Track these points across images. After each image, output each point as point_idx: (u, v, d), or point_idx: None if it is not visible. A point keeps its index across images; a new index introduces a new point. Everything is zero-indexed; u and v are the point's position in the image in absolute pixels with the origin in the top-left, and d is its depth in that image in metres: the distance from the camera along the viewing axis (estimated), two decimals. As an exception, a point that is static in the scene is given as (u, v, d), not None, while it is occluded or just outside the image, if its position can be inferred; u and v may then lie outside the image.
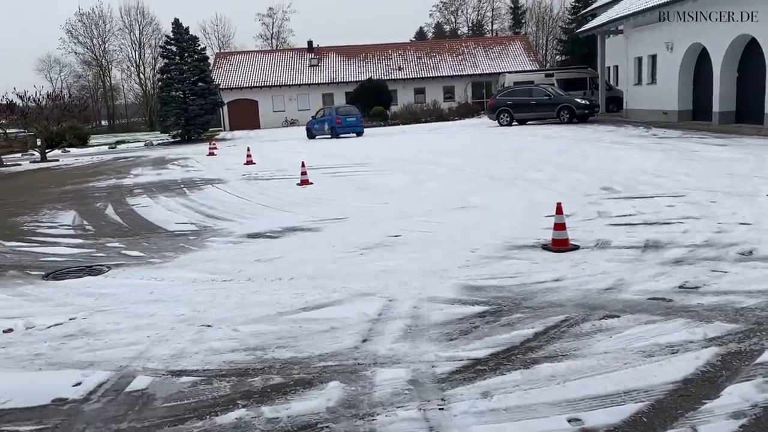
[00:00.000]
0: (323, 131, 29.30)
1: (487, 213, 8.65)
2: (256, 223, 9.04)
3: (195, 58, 36.39)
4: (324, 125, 29.25)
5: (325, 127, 29.11)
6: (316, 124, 30.15)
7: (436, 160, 15.27)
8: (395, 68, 50.49)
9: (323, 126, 29.30)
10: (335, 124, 28.54)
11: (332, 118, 28.80)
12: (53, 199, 12.70)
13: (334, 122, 28.57)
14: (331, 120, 28.80)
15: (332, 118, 28.75)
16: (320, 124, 29.65)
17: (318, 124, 29.88)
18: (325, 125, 29.16)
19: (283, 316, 4.95)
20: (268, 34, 75.83)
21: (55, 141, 39.68)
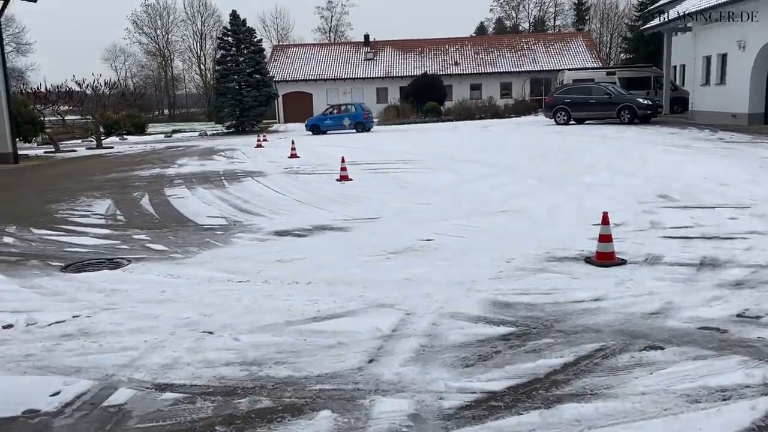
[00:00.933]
0: (342, 127, 30.49)
1: (531, 218, 8.08)
2: (287, 220, 8.72)
3: (251, 49, 36.61)
4: (343, 120, 30.54)
5: (345, 123, 30.43)
6: (327, 120, 31.03)
7: (485, 159, 14.67)
8: (451, 63, 49.71)
9: (340, 122, 30.58)
10: (363, 119, 30.38)
11: (359, 113, 30.61)
12: (94, 187, 12.73)
13: (361, 117, 30.39)
14: (357, 115, 30.44)
15: (359, 114, 30.56)
16: (336, 120, 30.77)
17: (331, 120, 30.86)
18: (345, 120, 30.45)
19: (290, 326, 4.56)
20: (326, 28, 75.97)
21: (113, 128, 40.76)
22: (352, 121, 30.42)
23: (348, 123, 30.40)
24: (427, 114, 39.46)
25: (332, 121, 30.77)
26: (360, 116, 30.53)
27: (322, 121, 30.85)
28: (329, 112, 31.62)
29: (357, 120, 30.40)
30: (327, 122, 30.78)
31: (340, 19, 76.18)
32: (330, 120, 30.86)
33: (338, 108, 31.90)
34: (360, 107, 31.56)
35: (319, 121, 31.00)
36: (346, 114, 30.85)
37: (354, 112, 30.82)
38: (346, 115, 30.74)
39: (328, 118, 31.01)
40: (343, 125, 30.41)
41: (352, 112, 30.87)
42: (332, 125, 30.61)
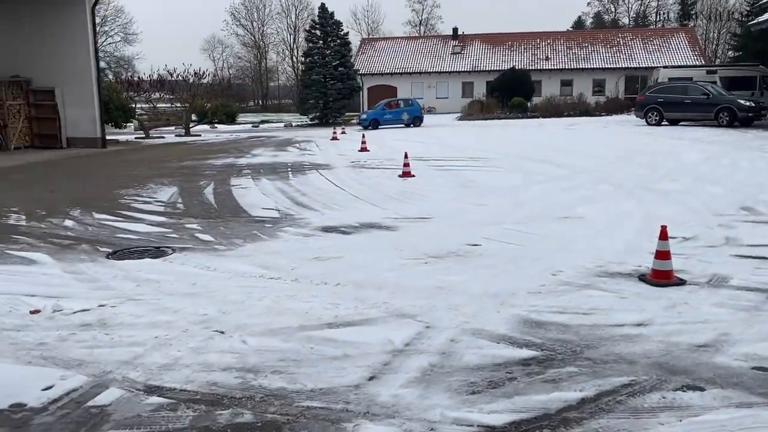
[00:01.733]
0: (400, 121, 30.77)
1: (592, 227, 7.52)
2: (338, 216, 8.55)
3: (337, 42, 36.86)
4: (402, 115, 30.86)
5: (404, 117, 30.82)
6: (387, 114, 30.89)
7: (560, 160, 13.97)
8: (542, 58, 48.23)
9: (399, 116, 30.82)
10: (420, 114, 31.51)
11: (417, 108, 31.62)
12: (166, 174, 13.07)
13: (418, 112, 31.43)
14: (415, 110, 31.28)
15: (417, 108, 31.60)
16: (396, 114, 30.97)
17: (391, 114, 30.93)
18: (404, 115, 30.83)
19: (302, 332, 4.36)
20: (416, 21, 75.65)
21: (205, 117, 42.29)
22: (410, 116, 30.96)
23: (406, 118, 30.84)
24: (512, 110, 38.43)
25: (392, 116, 30.86)
26: (418, 111, 31.50)
27: (382, 116, 30.78)
28: (385, 107, 31.59)
29: (415, 115, 31.15)
30: (387, 116, 30.77)
31: (431, 13, 75.74)
32: (390, 114, 30.93)
33: (394, 103, 32.07)
34: (416, 102, 32.57)
35: (378, 115, 30.85)
36: (405, 109, 31.29)
37: (412, 107, 31.52)
38: (404, 110, 31.19)
39: (388, 112, 31.05)
40: (402, 120, 30.79)
41: (410, 107, 31.46)
42: (391, 119, 30.64)
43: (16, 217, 8.64)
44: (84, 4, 17.94)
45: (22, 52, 18.47)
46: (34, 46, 18.36)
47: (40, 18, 18.18)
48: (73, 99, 18.60)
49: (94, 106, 18.58)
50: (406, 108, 31.49)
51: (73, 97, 18.59)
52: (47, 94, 18.52)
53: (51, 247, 7.05)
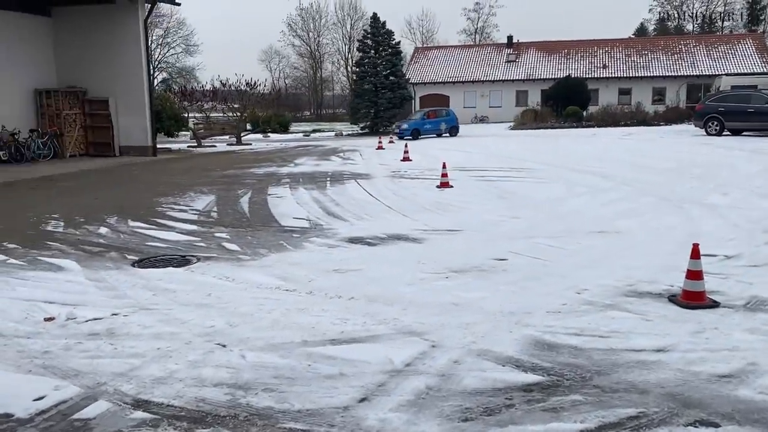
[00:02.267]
0: (439, 130, 30.77)
1: (629, 243, 7.16)
2: (368, 227, 8.44)
3: (388, 52, 36.92)
4: (440, 125, 30.88)
5: (442, 127, 30.88)
6: (426, 124, 30.68)
7: (607, 171, 13.50)
8: (599, 66, 47.13)
9: (438, 126, 30.80)
10: (456, 124, 31.66)
11: (453, 118, 31.75)
12: (207, 182, 13.26)
13: (455, 122, 31.58)
14: (452, 120, 31.49)
15: (454, 119, 31.73)
16: (434, 124, 30.88)
17: (430, 124, 30.76)
18: (442, 125, 30.90)
19: (304, 347, 4.25)
20: (472, 29, 75.19)
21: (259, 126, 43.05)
22: (447, 125, 31.05)
23: (444, 127, 30.91)
24: (567, 119, 37.67)
25: (431, 126, 30.68)
26: (454, 121, 31.66)
27: (422, 126, 30.49)
28: (424, 117, 31.37)
29: (452, 125, 31.29)
30: (426, 126, 30.52)
31: (486, 21, 75.10)
32: (429, 124, 30.71)
33: (433, 113, 31.82)
34: (453, 112, 32.83)
35: (419, 125, 30.48)
36: (443, 119, 31.33)
37: (449, 117, 31.73)
38: (443, 120, 31.22)
39: (428, 122, 30.81)
40: (440, 129, 30.81)
41: (447, 117, 31.65)
42: (431, 129, 30.49)
43: (55, 224, 8.87)
44: (137, 17, 18.49)
45: (78, 63, 19.18)
46: (91, 58, 19.02)
47: (95, 30, 18.84)
48: (126, 108, 19.18)
49: (145, 115, 19.11)
50: (444, 118, 31.47)
51: (125, 107, 19.17)
52: (102, 103, 19.16)
53: (81, 254, 7.18)
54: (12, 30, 18.12)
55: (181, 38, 66.39)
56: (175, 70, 66.59)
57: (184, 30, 65.75)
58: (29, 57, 18.64)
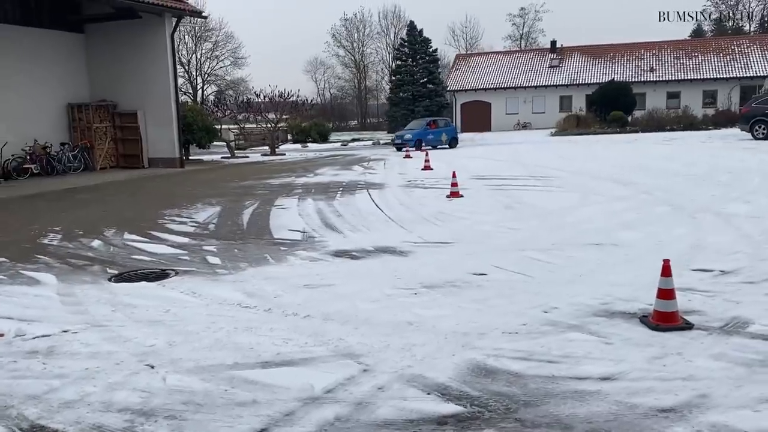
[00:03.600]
0: (439, 142, 29.40)
1: (623, 256, 6.73)
2: (360, 239, 8.23)
3: (426, 59, 36.75)
4: (441, 136, 29.62)
5: (443, 138, 29.63)
6: (429, 135, 29.18)
7: (631, 178, 12.93)
8: (646, 69, 45.83)
9: (439, 137, 29.52)
10: (456, 135, 30.89)
11: (452, 129, 31.13)
12: (219, 194, 13.28)
13: (454, 133, 30.92)
14: (451, 130, 30.59)
15: (453, 129, 31.18)
16: (436, 135, 29.54)
17: (432, 135, 29.38)
18: (443, 136, 29.67)
19: (231, 370, 4.05)
20: (517, 35, 74.27)
21: (299, 136, 43.45)
22: (448, 137, 29.94)
23: (445, 138, 29.73)
24: (610, 124, 36.67)
25: (433, 136, 29.25)
26: (454, 132, 30.92)
27: (425, 136, 28.90)
28: (427, 126, 29.75)
29: (452, 136, 30.23)
30: (429, 137, 29.00)
31: (532, 26, 74.08)
32: (432, 135, 29.24)
33: (434, 123, 30.20)
34: (452, 124, 32.71)
35: (422, 135, 28.86)
36: (444, 129, 30.15)
37: (449, 128, 30.84)
38: (443, 130, 30.01)
39: (430, 132, 29.29)
40: (441, 140, 29.52)
41: (448, 128, 30.66)
42: (432, 140, 29.02)
43: (53, 237, 8.97)
44: (164, 31, 18.82)
45: (110, 77, 19.66)
46: (121, 72, 19.47)
47: (125, 45, 19.28)
48: (154, 121, 19.53)
49: (172, 127, 19.40)
50: (444, 128, 30.30)
51: (154, 120, 19.52)
52: (131, 116, 19.56)
53: (64, 268, 7.19)
54: (47, 47, 18.71)
55: (229, 51, 67.53)
56: (224, 83, 67.74)
57: (233, 43, 66.89)
58: (63, 73, 19.22)
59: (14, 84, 17.61)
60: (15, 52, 17.66)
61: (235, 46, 66.67)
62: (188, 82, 65.26)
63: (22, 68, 17.82)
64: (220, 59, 66.75)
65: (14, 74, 17.61)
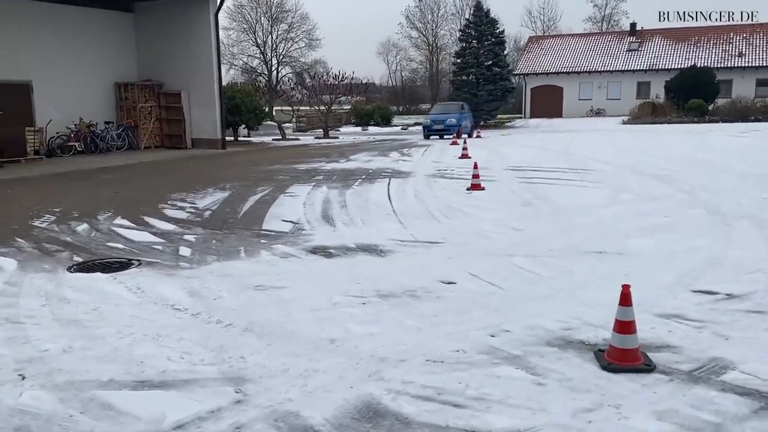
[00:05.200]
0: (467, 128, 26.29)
1: (620, 268, 5.86)
2: (349, 234, 7.67)
3: (491, 41, 35.39)
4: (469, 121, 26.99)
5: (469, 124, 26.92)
6: (465, 120, 26.33)
7: (678, 175, 11.73)
8: (734, 54, 42.58)
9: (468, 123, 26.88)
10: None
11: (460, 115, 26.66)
12: (238, 177, 12.96)
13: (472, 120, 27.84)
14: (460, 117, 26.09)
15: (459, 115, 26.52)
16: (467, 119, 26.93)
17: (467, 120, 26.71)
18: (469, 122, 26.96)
19: (97, 390, 3.61)
20: (599, 17, 70.82)
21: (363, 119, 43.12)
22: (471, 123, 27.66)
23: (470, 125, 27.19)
24: (688, 113, 34.25)
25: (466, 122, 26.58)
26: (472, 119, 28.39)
27: (462, 122, 25.62)
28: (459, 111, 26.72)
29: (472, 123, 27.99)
30: (464, 123, 26.04)
31: (615, 8, 70.39)
32: (466, 120, 26.68)
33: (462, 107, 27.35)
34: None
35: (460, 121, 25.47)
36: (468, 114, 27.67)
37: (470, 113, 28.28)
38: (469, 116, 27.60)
39: (465, 117, 26.68)
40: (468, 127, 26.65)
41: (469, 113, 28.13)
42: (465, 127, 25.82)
43: (47, 218, 8.87)
44: (208, 11, 18.69)
45: (157, 57, 19.79)
46: (167, 52, 19.55)
47: (172, 24, 19.32)
48: (198, 101, 19.52)
49: (215, 108, 19.34)
50: (469, 113, 27.91)
51: (197, 100, 19.52)
52: (175, 96, 19.63)
53: (34, 253, 7.00)
54: (97, 26, 18.99)
55: (304, 33, 67.55)
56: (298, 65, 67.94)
57: (307, 24, 66.87)
58: (112, 51, 19.48)
59: (62, 63, 17.97)
60: (63, 31, 18.01)
61: (310, 27, 66.66)
62: (263, 63, 65.99)
63: (69, 47, 18.17)
64: (294, 41, 66.94)
65: (62, 53, 17.97)
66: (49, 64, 17.64)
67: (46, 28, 17.58)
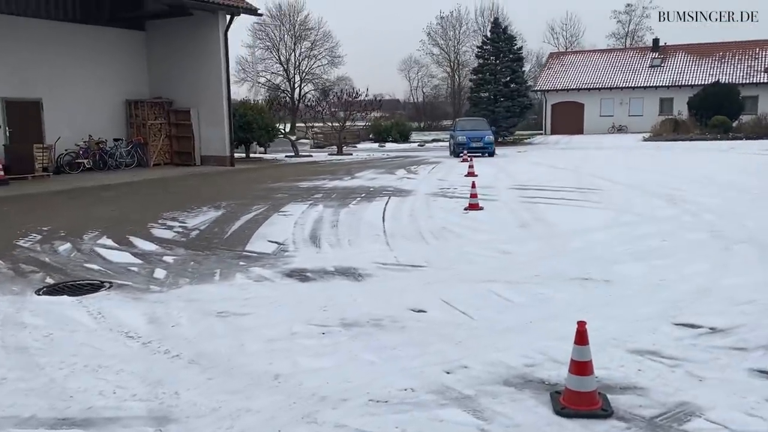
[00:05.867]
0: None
1: (603, 298, 5.54)
2: (331, 256, 7.43)
3: (509, 58, 35.11)
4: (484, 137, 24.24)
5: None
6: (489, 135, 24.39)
7: (688, 195, 11.31)
8: (760, 70, 41.73)
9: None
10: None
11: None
12: (238, 195, 12.81)
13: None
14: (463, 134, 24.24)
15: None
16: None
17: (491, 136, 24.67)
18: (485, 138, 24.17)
19: (14, 429, 3.40)
20: (622, 32, 70.16)
21: (381, 135, 43.04)
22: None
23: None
24: (711, 130, 33.51)
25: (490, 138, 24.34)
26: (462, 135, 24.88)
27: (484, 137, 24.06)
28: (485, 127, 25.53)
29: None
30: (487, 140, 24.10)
31: (639, 24, 69.70)
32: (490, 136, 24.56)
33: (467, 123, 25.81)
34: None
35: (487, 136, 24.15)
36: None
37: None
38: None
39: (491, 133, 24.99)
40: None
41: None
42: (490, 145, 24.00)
43: (33, 237, 8.78)
44: (218, 29, 18.75)
45: (167, 74, 19.90)
46: (178, 69, 19.64)
47: (183, 42, 19.42)
48: (207, 119, 19.55)
49: (224, 125, 19.33)
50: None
51: (207, 117, 19.54)
52: (185, 114, 19.67)
53: (8, 274, 6.87)
54: (108, 44, 19.17)
55: (326, 50, 67.92)
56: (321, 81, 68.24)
57: (330, 42, 67.25)
58: (123, 69, 19.64)
59: (73, 80, 18.14)
60: (74, 49, 18.18)
61: (332, 45, 67.02)
62: (287, 80, 66.52)
63: (80, 65, 18.34)
64: (318, 58, 67.31)
65: (73, 71, 18.14)
66: (59, 82, 17.81)
67: (58, 46, 17.78)
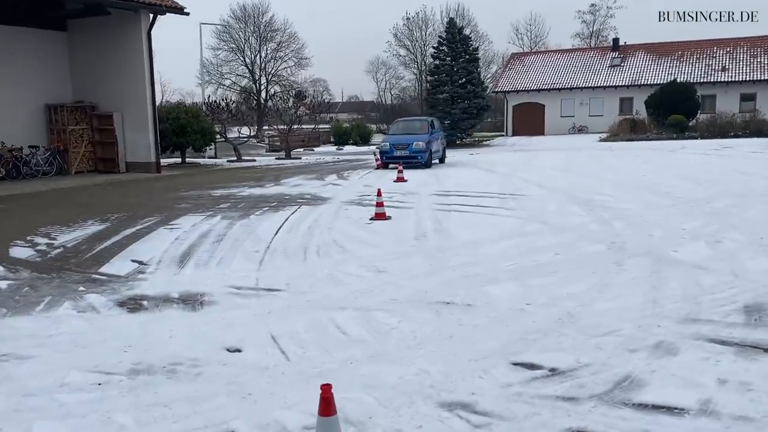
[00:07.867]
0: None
1: (448, 329, 4.81)
2: (187, 279, 6.65)
3: (465, 59, 34.57)
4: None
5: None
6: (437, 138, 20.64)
7: (608, 202, 10.70)
8: (717, 69, 41.71)
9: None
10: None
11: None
12: (136, 205, 11.88)
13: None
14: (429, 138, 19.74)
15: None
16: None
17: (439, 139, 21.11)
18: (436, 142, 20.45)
19: None
20: (587, 33, 70.16)
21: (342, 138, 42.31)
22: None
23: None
24: (668, 129, 33.26)
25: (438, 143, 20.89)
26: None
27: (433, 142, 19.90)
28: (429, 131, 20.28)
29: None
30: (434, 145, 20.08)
31: (603, 23, 69.75)
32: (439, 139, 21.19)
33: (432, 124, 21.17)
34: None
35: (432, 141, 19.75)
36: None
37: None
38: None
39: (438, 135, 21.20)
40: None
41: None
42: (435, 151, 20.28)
43: None
44: (140, 29, 17.79)
45: (91, 77, 18.85)
46: (101, 72, 18.62)
47: (105, 43, 18.41)
48: (132, 124, 18.56)
49: (149, 130, 18.34)
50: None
51: (131, 122, 18.56)
52: (108, 119, 18.66)
53: None
54: (27, 45, 18.09)
55: (293, 52, 66.73)
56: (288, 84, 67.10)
57: (296, 43, 66.10)
58: (44, 71, 18.54)
59: (-15, 84, 17.06)
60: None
61: (299, 46, 65.92)
62: (252, 82, 65.29)
63: (-5, 67, 17.26)
64: (284, 60, 66.14)
65: (-15, 74, 17.06)
66: (-30, 85, 16.74)
67: (-30, 47, 16.71)
